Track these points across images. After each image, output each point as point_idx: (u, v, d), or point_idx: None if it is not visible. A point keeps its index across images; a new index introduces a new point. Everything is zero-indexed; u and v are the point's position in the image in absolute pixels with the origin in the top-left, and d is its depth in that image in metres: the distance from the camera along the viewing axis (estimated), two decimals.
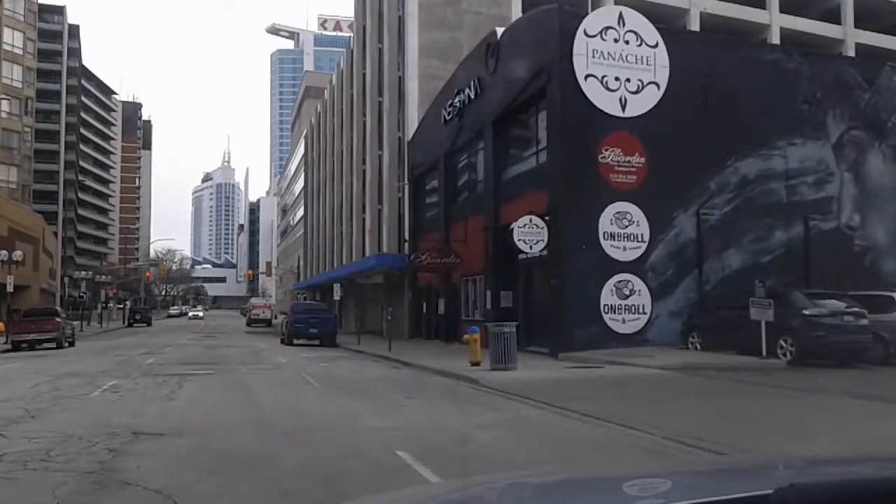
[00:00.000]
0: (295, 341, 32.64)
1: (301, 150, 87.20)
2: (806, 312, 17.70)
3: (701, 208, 22.59)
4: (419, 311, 35.40)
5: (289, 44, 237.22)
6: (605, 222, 21.53)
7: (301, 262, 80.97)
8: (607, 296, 21.37)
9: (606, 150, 21.63)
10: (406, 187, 38.37)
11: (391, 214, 41.58)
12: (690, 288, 22.37)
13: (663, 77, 22.28)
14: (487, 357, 17.48)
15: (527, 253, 22.21)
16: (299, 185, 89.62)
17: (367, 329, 40.66)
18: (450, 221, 31.75)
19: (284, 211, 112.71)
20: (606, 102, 21.77)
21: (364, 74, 48.67)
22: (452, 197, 32.43)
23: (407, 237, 38.05)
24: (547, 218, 21.80)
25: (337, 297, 34.13)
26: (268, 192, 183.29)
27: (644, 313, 21.74)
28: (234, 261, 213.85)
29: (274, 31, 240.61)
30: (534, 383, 14.57)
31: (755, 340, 17.96)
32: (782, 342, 17.87)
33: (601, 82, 21.74)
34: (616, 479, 2.14)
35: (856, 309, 17.82)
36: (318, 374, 18.31)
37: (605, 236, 21.51)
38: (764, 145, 23.32)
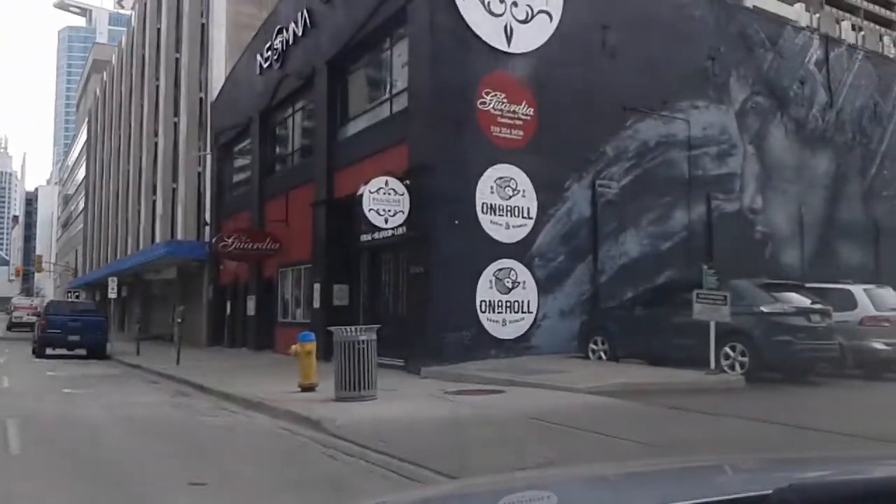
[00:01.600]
0: (49, 351, 24.20)
1: (85, 131, 75.03)
2: (765, 310, 12.96)
3: (597, 178, 17.56)
4: (221, 312, 27.97)
5: (80, 20, 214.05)
6: (485, 190, 15.88)
7: (79, 257, 69.15)
8: (486, 289, 15.73)
9: (488, 94, 15.98)
10: (208, 157, 30.75)
11: (188, 194, 33.71)
12: (583, 279, 17.26)
13: (557, 5, 17.00)
14: (323, 377, 11.25)
15: (379, 229, 16.06)
16: (83, 170, 77.26)
17: (155, 334, 32.52)
18: (266, 197, 24.83)
19: (66, 200, 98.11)
20: (488, 30, 16.13)
21: (159, 29, 40.14)
22: (269, 166, 25.52)
23: (208, 220, 30.43)
24: (407, 182, 15.77)
25: (112, 294, 26.08)
26: (49, 181, 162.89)
27: (529, 312, 16.33)
28: (6, 257, 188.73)
29: (63, 6, 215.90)
30: (420, 428, 8.52)
31: (690, 348, 13.06)
32: (728, 350, 13.06)
33: (482, 1, 16.06)
34: (615, 478, 2.03)
35: (821, 306, 13.36)
36: (43, 414, 11.01)
37: (485, 209, 15.86)
38: (666, 105, 18.75)
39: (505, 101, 16.13)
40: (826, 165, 22.07)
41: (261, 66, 24.61)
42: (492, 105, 15.98)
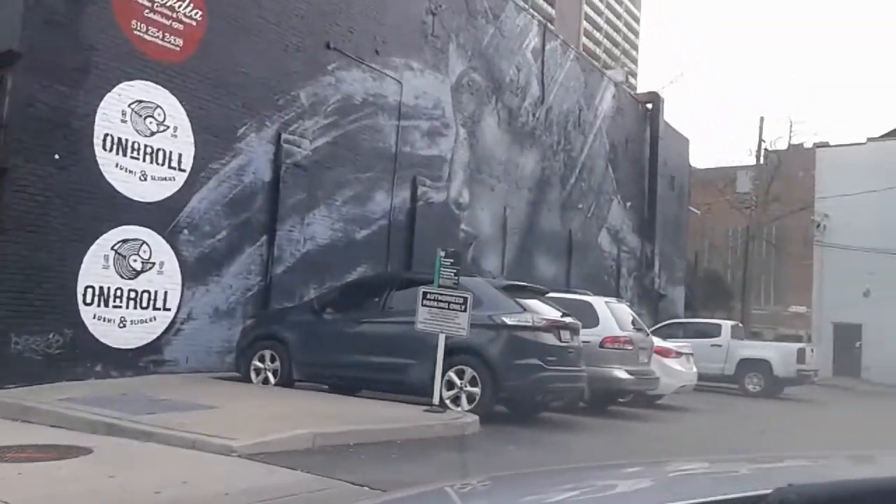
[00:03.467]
0: None
1: None
2: (508, 321, 9.10)
3: (285, 131, 12.65)
4: None
5: None
6: (113, 115, 10.05)
7: None
8: (96, 269, 9.88)
9: None
10: None
11: None
12: (252, 268, 12.21)
13: None
14: None
15: None
16: None
17: None
18: None
19: None
20: None
21: None
22: None
23: None
24: None
25: None
26: None
27: (166, 309, 10.80)
28: None
29: None
30: None
31: (401, 371, 8.89)
32: (454, 376, 9.03)
33: None
34: (615, 478, 1.95)
35: (572, 320, 9.89)
36: None
37: (110, 144, 10.04)
38: (378, 57, 14.52)
39: None
40: (533, 166, 19.63)
41: None
42: None
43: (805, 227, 36.57)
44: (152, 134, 10.52)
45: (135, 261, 10.35)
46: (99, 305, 9.87)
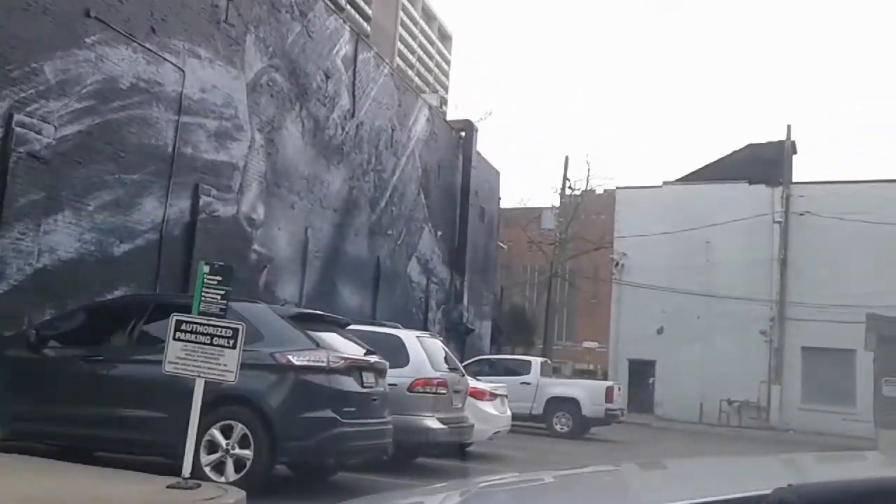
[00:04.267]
0: None
1: None
2: (295, 361, 6.94)
3: (19, 111, 9.73)
4: None
5: None
6: None
7: None
8: None
9: None
10: None
11: None
12: None
13: None
14: None
15: None
16: None
17: None
18: None
19: None
20: None
21: None
22: None
23: None
24: None
25: None
26: None
27: None
28: None
29: None
30: None
31: (150, 428, 6.53)
32: (218, 434, 6.76)
33: None
34: (616, 479, 2.01)
35: (377, 359, 7.93)
36: None
37: None
38: (154, 35, 11.94)
39: None
40: (340, 185, 17.65)
41: None
42: None
43: (596, 267, 37.57)
44: None
45: None
46: None
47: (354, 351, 7.59)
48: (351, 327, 8.50)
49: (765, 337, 27.10)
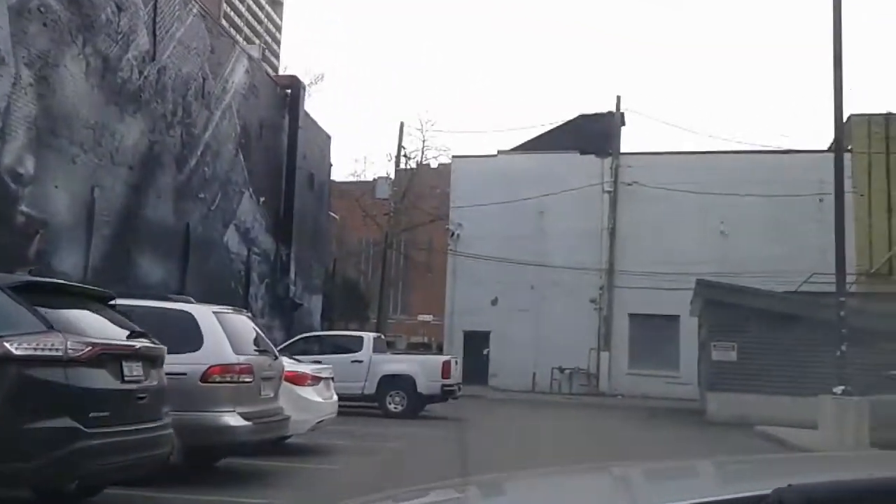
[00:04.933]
0: None
1: None
2: (15, 350, 4.83)
3: None
4: None
5: None
6: None
7: None
8: None
9: None
10: None
11: None
12: None
13: None
14: None
15: None
16: None
17: None
18: None
19: None
20: None
21: None
22: None
23: None
24: None
25: None
26: None
27: None
28: None
29: None
30: None
31: None
32: None
33: None
34: (615, 478, 1.98)
35: (149, 342, 5.93)
36: None
37: None
38: None
39: None
40: (137, 138, 15.02)
41: None
42: None
43: (431, 239, 36.60)
44: None
45: None
46: None
47: (112, 334, 5.56)
48: (118, 302, 6.40)
49: (595, 305, 27.18)
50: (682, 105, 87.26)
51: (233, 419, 7.17)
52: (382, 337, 18.24)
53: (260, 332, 8.63)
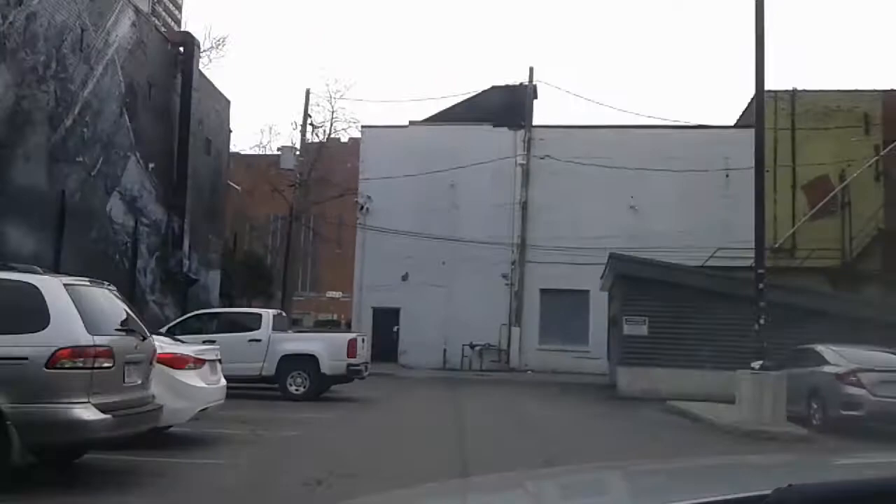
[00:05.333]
0: None
1: None
2: None
3: None
4: None
5: None
6: None
7: None
8: None
9: None
10: None
11: None
12: None
13: None
14: None
15: None
16: None
17: None
18: None
19: None
20: None
21: None
22: None
23: None
24: None
25: None
26: None
27: None
28: None
29: None
30: None
31: None
32: None
33: None
34: (617, 478, 1.98)
35: None
36: None
37: None
38: None
39: None
40: (1, 91, 13.19)
41: None
42: None
43: (341, 215, 35.27)
44: None
45: None
46: None
47: None
48: None
49: (506, 280, 26.67)
50: (595, 79, 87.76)
51: (86, 412, 6.00)
52: (284, 314, 17.06)
53: (129, 308, 7.40)
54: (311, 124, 29.05)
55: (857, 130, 24.17)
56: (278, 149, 29.47)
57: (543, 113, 55.17)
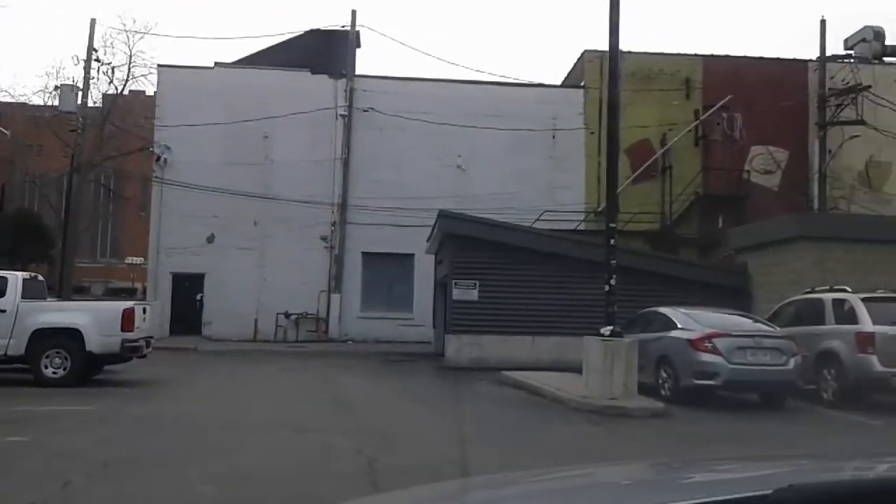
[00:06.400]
0: None
1: None
2: None
3: None
4: None
5: None
6: None
7: None
8: None
9: None
10: None
11: None
12: None
13: None
14: None
15: None
16: None
17: None
18: None
19: None
20: None
21: None
22: None
23: None
24: None
25: None
26: None
27: None
28: None
29: None
30: None
31: None
32: None
33: None
34: (617, 478, 1.95)
35: None
36: None
37: None
38: None
39: None
40: None
41: None
42: None
43: (145, 175, 30.93)
44: None
45: None
46: None
47: None
48: None
49: (325, 243, 24.15)
50: (424, 29, 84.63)
51: None
52: (40, 278, 13.52)
53: None
54: (98, 60, 24.59)
55: (678, 94, 23.99)
56: (55, 87, 24.69)
57: (367, 63, 51.98)
